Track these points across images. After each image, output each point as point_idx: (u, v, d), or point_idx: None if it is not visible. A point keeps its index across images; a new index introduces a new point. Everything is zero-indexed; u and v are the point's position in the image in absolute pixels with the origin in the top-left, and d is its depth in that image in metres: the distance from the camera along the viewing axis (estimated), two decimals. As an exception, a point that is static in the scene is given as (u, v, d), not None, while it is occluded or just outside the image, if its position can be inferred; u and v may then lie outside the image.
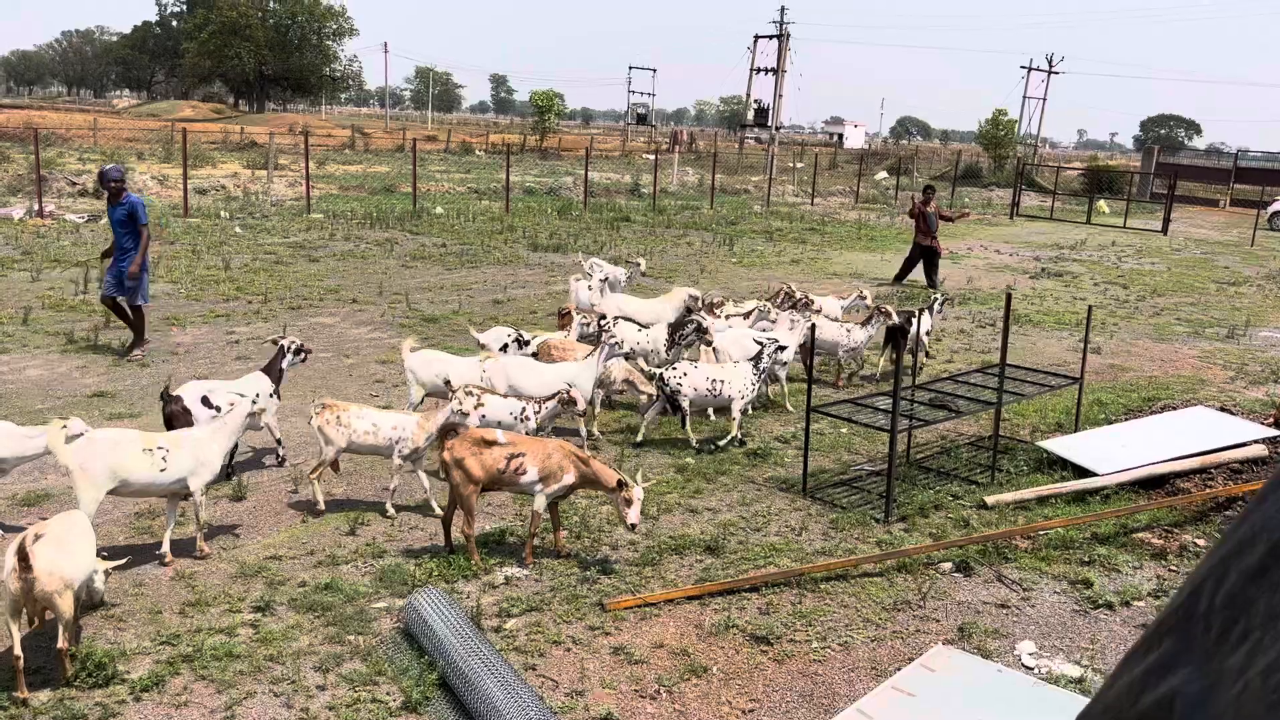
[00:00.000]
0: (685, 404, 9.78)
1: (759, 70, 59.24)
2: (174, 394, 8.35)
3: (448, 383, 8.69)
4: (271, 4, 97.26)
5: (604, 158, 61.15)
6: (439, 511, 7.86)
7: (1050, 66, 70.64)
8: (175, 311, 14.73)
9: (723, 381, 9.81)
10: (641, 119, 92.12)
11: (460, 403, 7.99)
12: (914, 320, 12.45)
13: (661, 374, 9.85)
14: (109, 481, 6.68)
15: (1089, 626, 6.72)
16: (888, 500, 8.38)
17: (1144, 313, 19.21)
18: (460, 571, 7.05)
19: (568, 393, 8.77)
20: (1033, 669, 6.14)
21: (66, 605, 5.47)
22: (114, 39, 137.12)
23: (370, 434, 7.93)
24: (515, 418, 8.52)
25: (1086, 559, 7.70)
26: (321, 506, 8.00)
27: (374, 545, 7.45)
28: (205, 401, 8.39)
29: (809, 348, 10.93)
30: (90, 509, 6.56)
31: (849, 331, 12.32)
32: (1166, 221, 36.94)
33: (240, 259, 19.47)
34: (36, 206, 24.07)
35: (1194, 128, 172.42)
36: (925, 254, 20.88)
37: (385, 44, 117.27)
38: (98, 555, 6.09)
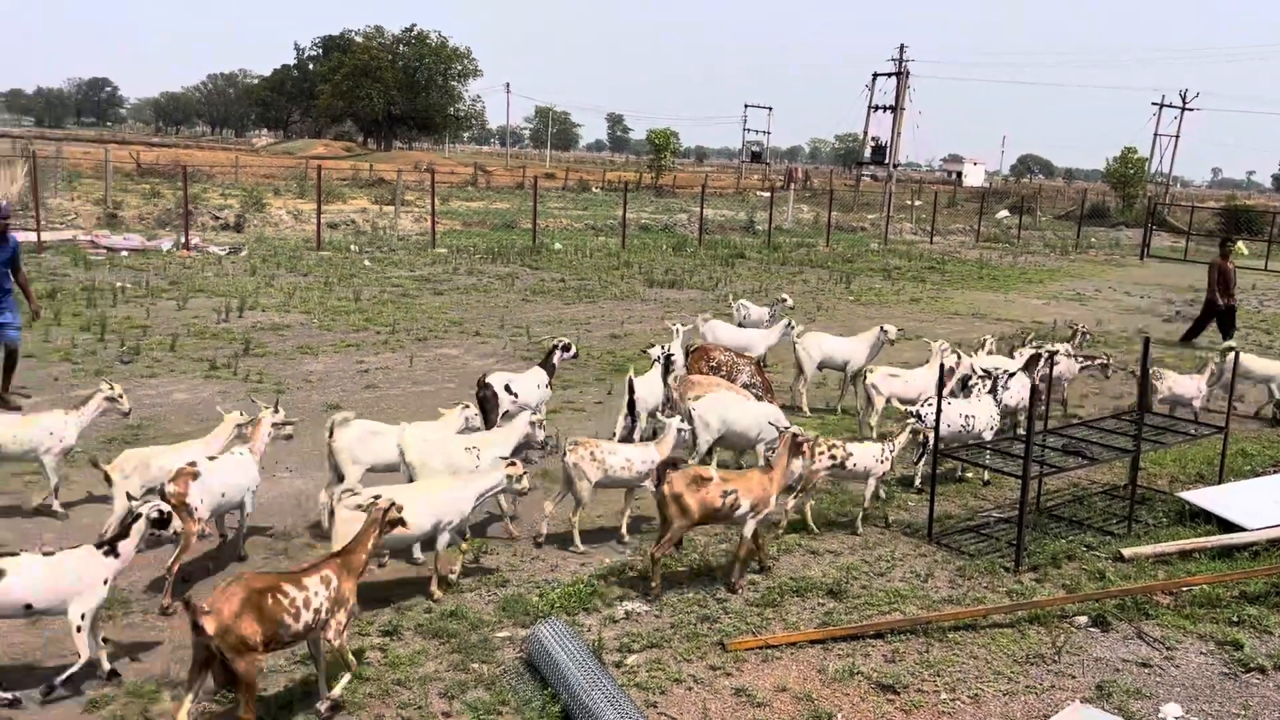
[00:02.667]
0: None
1: (877, 108, 58.65)
2: (486, 381, 9.90)
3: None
4: (401, 47, 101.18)
5: (718, 195, 61.40)
6: (581, 548, 8.09)
7: (1184, 103, 68.03)
8: (308, 341, 15.34)
9: (973, 416, 9.82)
10: (756, 156, 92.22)
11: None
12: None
13: (918, 411, 9.78)
14: (445, 474, 7.57)
15: (1240, 691, 6.34)
16: (1018, 549, 8.09)
17: (1291, 359, 18.16)
18: (581, 604, 7.09)
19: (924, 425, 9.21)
20: (1179, 734, 5.82)
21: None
22: (255, 81, 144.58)
23: (625, 468, 8.14)
24: (878, 460, 8.73)
25: (1235, 619, 7.27)
26: (580, 548, 8.08)
27: (497, 574, 7.55)
28: (508, 389, 9.91)
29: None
30: None
31: (1196, 384, 12.37)
32: (1313, 264, 35.01)
33: (369, 291, 20.18)
34: (183, 239, 25.46)
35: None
36: (1223, 311, 19.73)
37: (507, 84, 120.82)
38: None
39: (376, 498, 6.27)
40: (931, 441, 8.97)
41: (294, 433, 8.19)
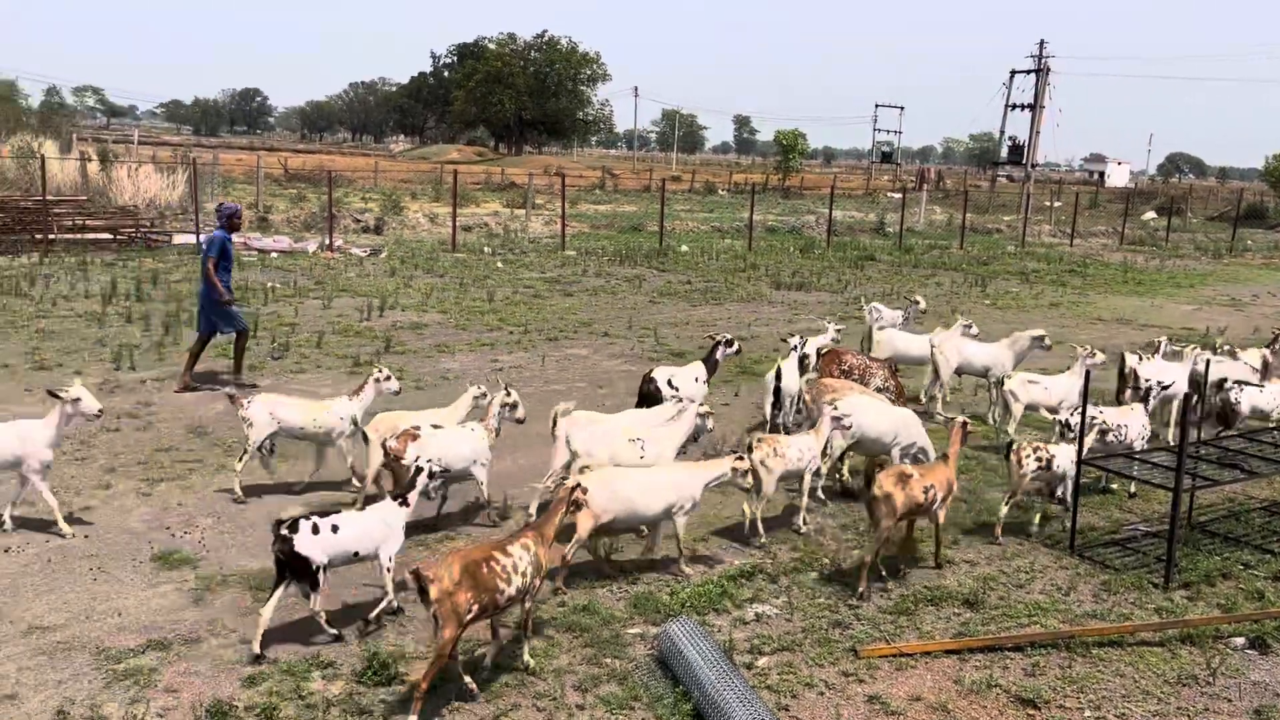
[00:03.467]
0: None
1: (1014, 106, 57.06)
2: (651, 376, 10.43)
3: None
4: (533, 53, 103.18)
5: (847, 196, 60.52)
6: (763, 538, 8.20)
7: (1354, 95, 63.62)
8: (445, 340, 15.82)
9: (1125, 425, 9.55)
10: (887, 157, 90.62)
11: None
12: None
13: (1067, 420, 9.50)
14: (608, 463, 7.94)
15: None
16: (1168, 564, 7.74)
17: None
18: (711, 604, 7.12)
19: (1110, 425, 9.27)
20: (1348, 766, 5.47)
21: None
22: (393, 89, 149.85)
23: (799, 459, 8.44)
24: (1074, 462, 8.75)
25: None
26: (764, 538, 8.30)
27: (628, 571, 7.64)
28: (670, 383, 10.33)
29: None
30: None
31: None
32: None
33: (502, 292, 20.68)
34: (327, 241, 26.58)
35: None
36: None
37: (635, 88, 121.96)
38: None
39: (563, 480, 6.87)
40: (1076, 451, 8.66)
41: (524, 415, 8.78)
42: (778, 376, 10.65)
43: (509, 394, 8.53)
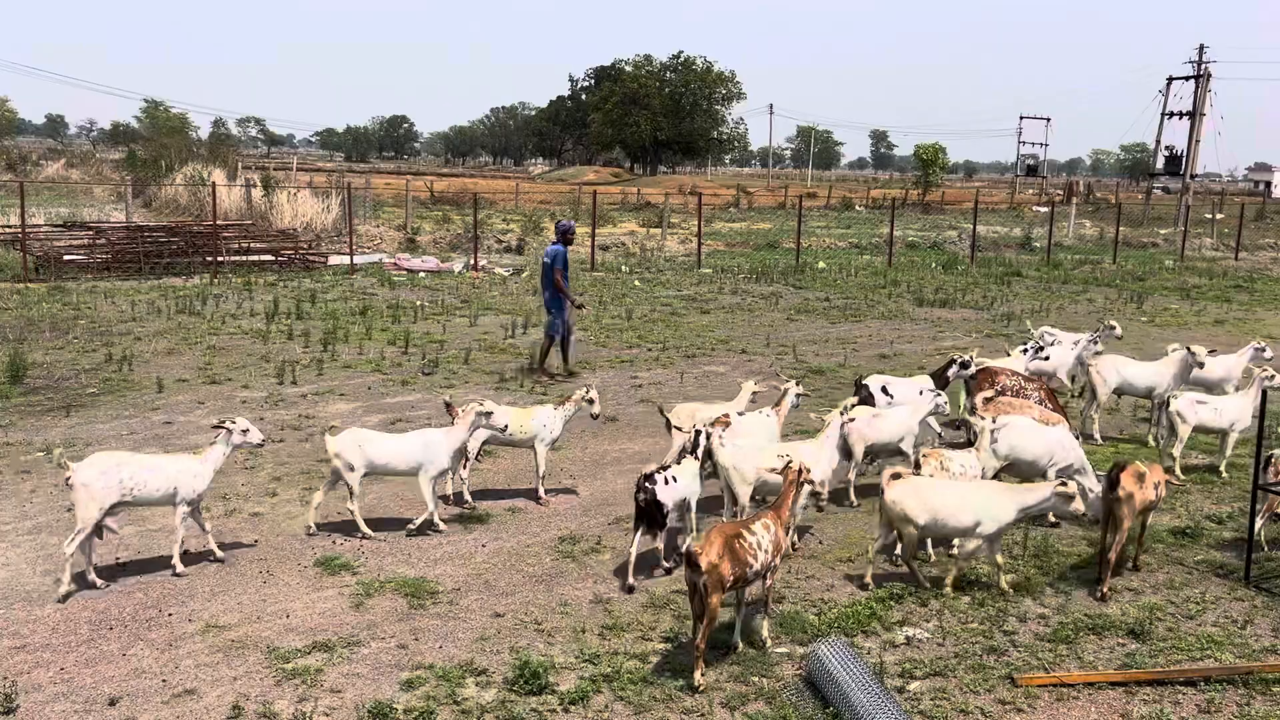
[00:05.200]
0: None
1: (1171, 114, 54.23)
2: (863, 382, 10.69)
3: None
4: (668, 74, 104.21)
5: (990, 210, 58.69)
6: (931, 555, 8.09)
7: None
8: (586, 357, 16.07)
9: None
10: (1032, 170, 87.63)
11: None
12: None
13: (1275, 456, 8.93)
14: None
15: None
16: (1358, 600, 7.20)
17: None
18: (860, 625, 6.99)
19: None
20: None
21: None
22: (532, 113, 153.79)
23: (962, 474, 8.40)
24: None
25: None
26: (931, 555, 8.42)
27: (774, 590, 7.57)
28: (884, 390, 10.50)
29: None
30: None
31: None
32: None
33: (640, 310, 20.88)
34: (472, 261, 27.42)
35: None
36: None
37: (770, 105, 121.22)
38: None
39: (789, 462, 7.29)
40: (1253, 476, 8.15)
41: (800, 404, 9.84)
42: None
43: (799, 385, 9.75)
